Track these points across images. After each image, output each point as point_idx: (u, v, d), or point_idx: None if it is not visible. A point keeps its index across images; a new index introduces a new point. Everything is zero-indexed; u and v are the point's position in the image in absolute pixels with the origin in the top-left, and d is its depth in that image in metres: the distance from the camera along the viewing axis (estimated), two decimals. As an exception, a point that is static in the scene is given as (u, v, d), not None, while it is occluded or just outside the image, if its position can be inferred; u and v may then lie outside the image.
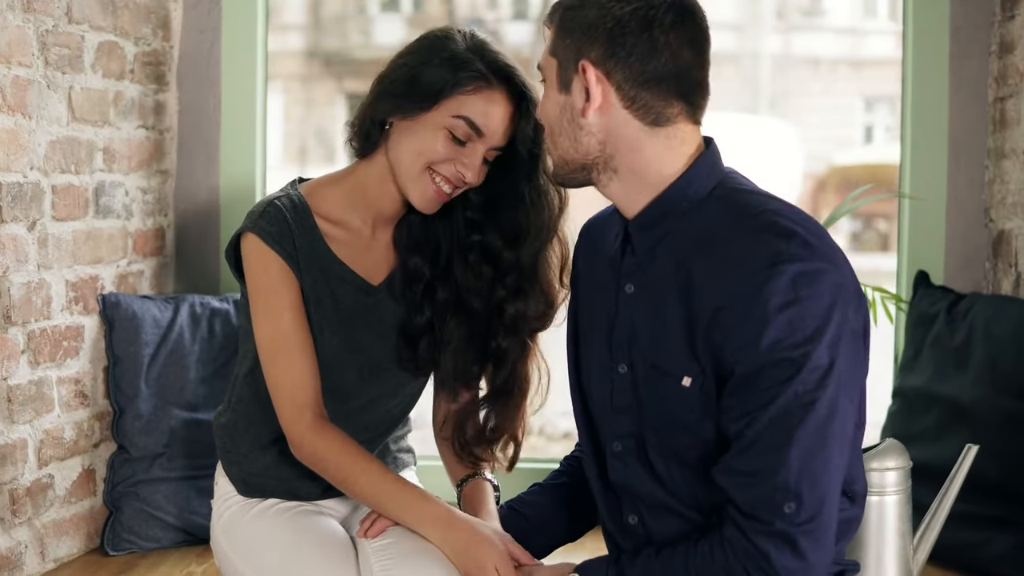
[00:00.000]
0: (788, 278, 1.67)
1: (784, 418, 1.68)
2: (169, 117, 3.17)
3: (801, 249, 1.69)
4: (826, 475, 1.71)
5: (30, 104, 2.59)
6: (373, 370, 2.25)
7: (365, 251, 2.25)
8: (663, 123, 1.78)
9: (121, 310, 2.87)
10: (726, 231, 1.75)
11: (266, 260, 2.15)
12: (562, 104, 1.81)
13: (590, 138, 1.79)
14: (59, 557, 2.74)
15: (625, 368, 1.85)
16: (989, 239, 3.06)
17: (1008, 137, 2.95)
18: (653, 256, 1.82)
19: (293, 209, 2.17)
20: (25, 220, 2.59)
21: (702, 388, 1.76)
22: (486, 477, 2.24)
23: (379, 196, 2.22)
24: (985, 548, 2.64)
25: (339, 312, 2.21)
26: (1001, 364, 2.71)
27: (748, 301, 1.68)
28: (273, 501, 2.27)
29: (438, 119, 2.12)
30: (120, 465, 2.87)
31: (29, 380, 2.62)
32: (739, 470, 1.71)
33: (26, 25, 2.57)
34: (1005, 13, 2.98)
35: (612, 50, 1.75)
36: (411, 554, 2.03)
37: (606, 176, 1.83)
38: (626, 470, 1.88)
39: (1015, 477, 2.63)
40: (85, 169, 2.80)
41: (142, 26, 3.01)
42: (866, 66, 12.30)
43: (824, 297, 1.69)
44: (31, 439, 2.63)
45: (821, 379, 1.69)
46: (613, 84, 1.76)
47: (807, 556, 1.71)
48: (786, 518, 1.69)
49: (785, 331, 1.67)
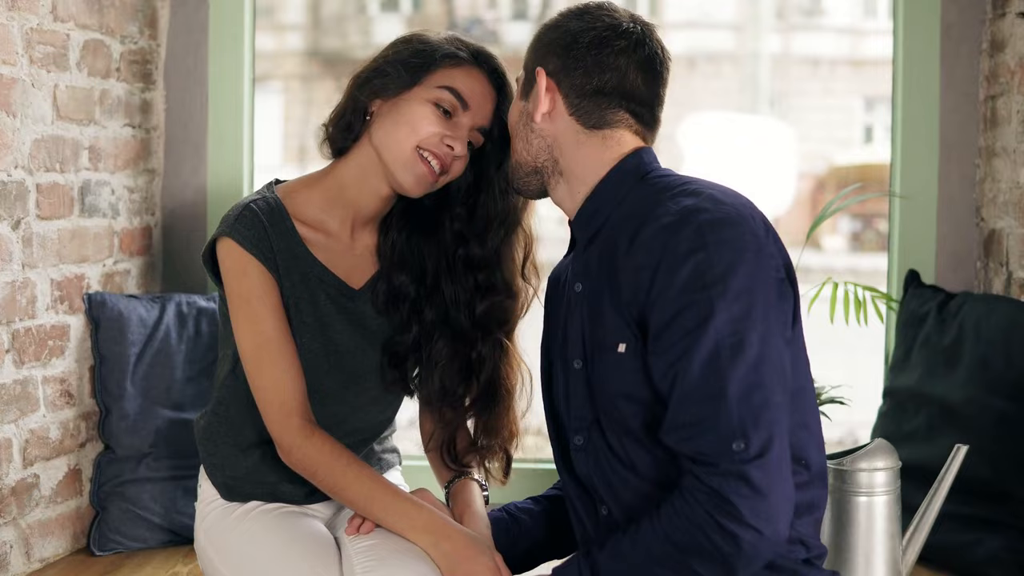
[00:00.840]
0: (694, 227, 1.77)
1: (713, 362, 1.73)
2: (156, 116, 3.15)
3: (709, 204, 1.80)
4: (768, 412, 1.73)
5: (14, 102, 2.58)
6: (354, 376, 2.23)
7: (344, 254, 2.23)
8: (602, 126, 1.94)
9: (107, 309, 2.86)
10: (643, 207, 1.86)
11: (244, 264, 2.13)
12: (521, 109, 1.99)
13: (540, 141, 1.96)
14: (45, 557, 2.72)
15: (580, 363, 1.92)
16: (980, 238, 3.05)
17: (999, 136, 2.94)
18: (589, 248, 1.94)
19: (269, 212, 2.15)
20: (9, 219, 2.57)
21: (636, 353, 1.82)
22: (473, 477, 2.24)
23: (358, 193, 2.20)
24: (975, 549, 2.63)
25: (319, 316, 2.19)
26: (992, 364, 2.69)
27: (660, 252, 1.78)
28: (255, 504, 2.25)
29: (423, 93, 2.13)
30: (106, 465, 2.86)
31: (14, 380, 2.60)
32: (682, 423, 1.75)
33: (10, 23, 2.56)
34: (996, 11, 2.97)
35: (564, 63, 1.94)
36: (392, 555, 2.02)
37: (554, 180, 1.99)
38: (589, 460, 1.93)
39: (1005, 478, 2.61)
40: (70, 168, 2.78)
41: (128, 24, 3.00)
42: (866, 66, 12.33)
43: (731, 242, 1.77)
44: (16, 439, 2.61)
45: (742, 319, 1.74)
46: (562, 93, 1.94)
47: (762, 489, 1.72)
48: (735, 456, 1.71)
49: (693, 274, 1.75)
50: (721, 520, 1.71)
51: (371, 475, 2.11)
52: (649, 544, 1.77)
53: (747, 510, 1.70)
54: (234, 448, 2.24)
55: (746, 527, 1.71)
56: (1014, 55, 2.86)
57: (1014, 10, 2.87)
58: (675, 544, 1.75)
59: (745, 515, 1.70)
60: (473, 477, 2.24)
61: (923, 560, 2.50)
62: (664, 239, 1.78)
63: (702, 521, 1.72)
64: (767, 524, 1.71)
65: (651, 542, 1.77)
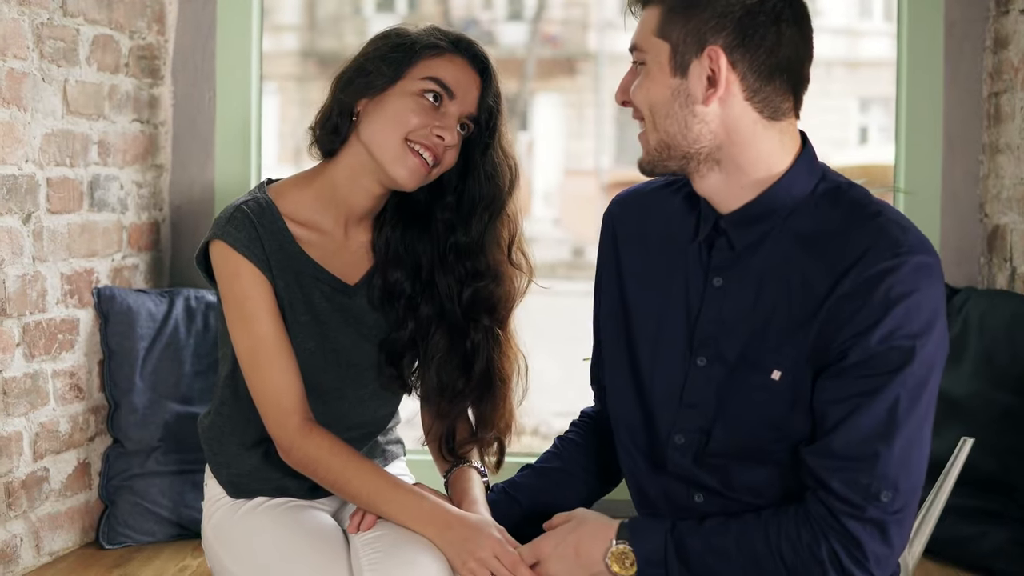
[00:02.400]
0: (911, 268, 1.69)
1: (893, 408, 1.69)
2: (163, 111, 3.16)
3: (917, 242, 1.71)
4: (920, 466, 1.73)
5: (25, 97, 2.59)
6: (352, 372, 2.24)
7: (339, 252, 2.23)
8: (778, 118, 1.77)
9: (116, 304, 2.87)
10: (839, 226, 1.75)
11: (237, 266, 2.13)
12: (675, 88, 1.75)
13: (703, 126, 1.75)
14: (54, 551, 2.73)
15: (704, 361, 1.83)
16: (984, 234, 3.07)
17: (1003, 132, 2.96)
18: (754, 252, 1.80)
19: (260, 213, 2.16)
20: (20, 213, 2.58)
21: (791, 383, 1.75)
22: (472, 464, 2.24)
23: (350, 193, 2.20)
24: (980, 541, 2.64)
25: (315, 314, 2.19)
26: (996, 358, 2.71)
27: (869, 288, 1.69)
28: (261, 499, 2.26)
29: (408, 86, 2.13)
30: (115, 459, 2.86)
31: (24, 373, 2.61)
32: (838, 454, 1.71)
33: (21, 18, 2.57)
34: (999, 9, 2.99)
35: (741, 39, 1.72)
36: (396, 546, 2.02)
37: (706, 167, 1.79)
38: (686, 461, 1.86)
39: (1010, 471, 2.63)
40: (80, 162, 2.80)
41: (137, 20, 3.01)
42: (862, 67, 12.30)
43: (937, 289, 1.71)
44: (26, 432, 2.62)
45: (929, 372, 1.71)
46: (738, 74, 1.73)
47: (894, 543, 1.73)
48: (881, 506, 1.70)
49: (902, 320, 1.68)
50: (845, 562, 1.72)
51: (372, 469, 2.12)
52: (756, 552, 1.76)
53: (873, 558, 1.72)
54: (238, 446, 2.25)
55: (866, 573, 1.73)
56: (1018, 52, 2.88)
57: (1017, 7, 2.89)
58: (785, 564, 1.75)
59: (870, 563, 1.72)
60: (471, 464, 2.24)
61: (928, 552, 2.52)
62: (878, 274, 1.69)
63: (825, 556, 1.72)
64: (883, 572, 1.74)
65: (759, 553, 1.76)
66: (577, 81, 14.62)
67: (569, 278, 13.42)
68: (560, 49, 14.34)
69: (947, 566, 2.68)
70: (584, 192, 14.09)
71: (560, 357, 10.17)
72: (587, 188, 14.19)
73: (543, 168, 14.65)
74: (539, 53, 14.20)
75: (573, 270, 13.54)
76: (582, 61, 14.50)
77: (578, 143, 14.61)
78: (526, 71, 14.26)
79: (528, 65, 14.26)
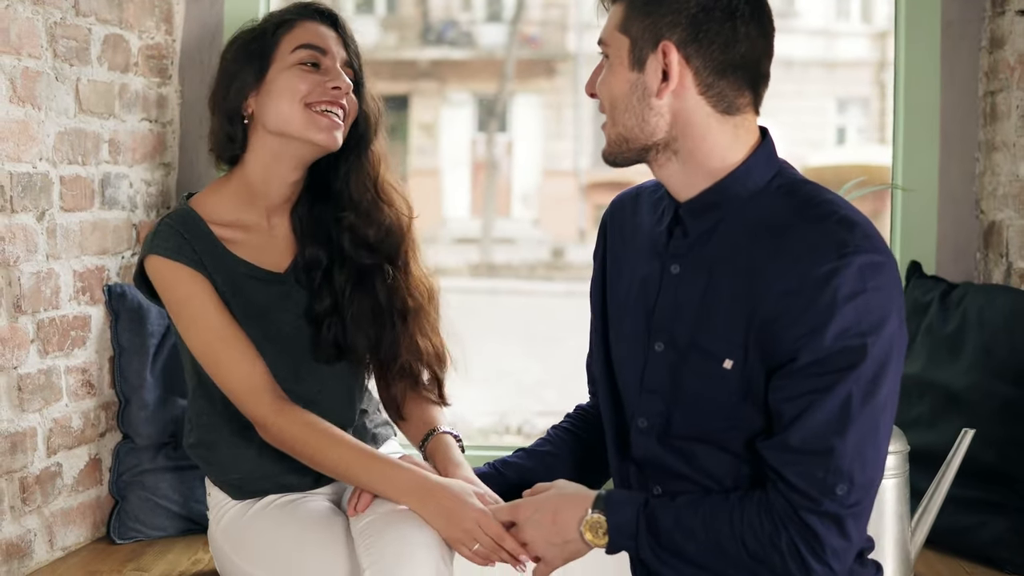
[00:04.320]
0: (856, 268, 1.72)
1: (846, 404, 1.73)
2: (171, 110, 3.19)
3: (863, 240, 1.74)
4: (876, 461, 1.77)
5: (39, 95, 2.61)
6: (301, 357, 2.29)
7: (266, 245, 2.31)
8: (733, 112, 1.82)
9: (127, 301, 2.89)
10: (788, 221, 1.79)
11: (174, 273, 2.22)
12: (632, 82, 1.82)
13: (659, 119, 1.82)
14: (67, 546, 2.75)
15: (662, 346, 1.88)
16: (980, 230, 3.12)
17: (999, 130, 3.01)
18: (707, 240, 1.85)
19: (184, 222, 2.25)
20: (35, 210, 2.60)
21: (742, 372, 1.80)
22: (445, 430, 2.28)
23: (267, 185, 2.30)
24: (980, 531, 2.69)
25: (254, 307, 2.25)
26: (995, 351, 2.76)
27: (816, 289, 1.72)
28: (271, 498, 2.29)
29: (282, 63, 2.26)
30: (125, 454, 2.88)
31: (39, 369, 2.63)
32: (793, 448, 1.76)
33: (35, 17, 2.59)
34: (996, 9, 3.04)
35: (695, 35, 1.77)
36: (389, 527, 2.04)
37: (664, 157, 1.85)
38: (649, 445, 1.92)
39: (1009, 461, 2.68)
40: (91, 161, 2.82)
41: (146, 19, 3.03)
42: (839, 68, 12.33)
43: (886, 288, 1.74)
44: (40, 428, 2.64)
45: (882, 369, 1.74)
46: (692, 69, 1.79)
47: (851, 537, 1.77)
48: (837, 499, 1.74)
49: (852, 320, 1.71)
50: (804, 553, 1.76)
51: (349, 442, 2.15)
52: (720, 535, 1.80)
53: (831, 551, 1.76)
54: (230, 449, 2.29)
55: (824, 565, 1.77)
56: (1013, 51, 2.94)
57: (1013, 8, 2.94)
58: (747, 550, 1.79)
59: (827, 555, 1.77)
60: (444, 431, 2.28)
61: (929, 543, 2.56)
62: (823, 275, 1.72)
63: (784, 547, 1.77)
64: (841, 564, 1.79)
65: (723, 536, 1.80)
66: (556, 82, 14.66)
67: (548, 279, 13.43)
68: (539, 50, 14.37)
69: (948, 556, 2.72)
70: (563, 193, 14.12)
71: (540, 357, 10.20)
72: (566, 189, 14.22)
73: (522, 169, 14.67)
74: (518, 54, 14.23)
75: (552, 271, 13.55)
76: (561, 62, 14.54)
77: (557, 144, 14.65)
78: (505, 72, 14.29)
79: (507, 66, 14.29)
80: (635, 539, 1.85)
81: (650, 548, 1.85)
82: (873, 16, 13.45)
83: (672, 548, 1.84)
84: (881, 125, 11.96)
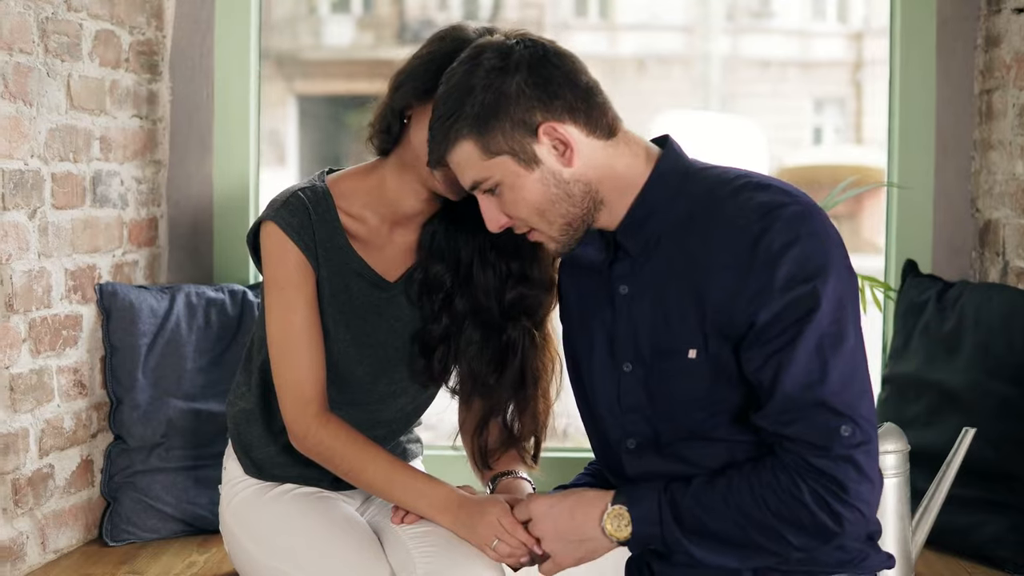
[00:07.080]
0: (783, 221, 1.77)
1: (819, 351, 1.76)
2: (162, 107, 3.15)
3: (782, 195, 1.80)
4: (867, 399, 1.79)
5: (31, 91, 2.57)
6: (384, 367, 2.25)
7: (382, 248, 2.23)
8: (613, 132, 1.86)
9: (118, 300, 2.85)
10: (708, 205, 1.84)
11: (285, 251, 2.14)
12: (541, 178, 1.84)
13: (581, 184, 1.85)
14: (59, 548, 2.71)
15: (630, 366, 1.91)
16: (976, 229, 3.12)
17: (994, 129, 3.01)
18: (648, 255, 1.89)
19: (316, 201, 2.17)
20: (26, 208, 2.57)
21: (707, 357, 1.83)
22: (520, 476, 2.24)
23: (398, 193, 2.19)
24: (979, 530, 2.69)
25: (353, 306, 2.20)
26: (993, 349, 2.75)
27: (750, 254, 1.77)
28: (290, 486, 2.27)
29: None
30: (117, 455, 2.85)
31: (30, 369, 2.60)
32: (783, 408, 1.77)
33: (27, 12, 2.55)
34: (991, 7, 3.04)
35: (545, 96, 1.81)
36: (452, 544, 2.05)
37: (597, 211, 1.88)
38: (643, 462, 1.94)
39: (1008, 460, 2.68)
40: (83, 158, 2.78)
41: (137, 15, 3.00)
42: (815, 68, 12.41)
43: (819, 233, 1.78)
44: (32, 428, 2.60)
45: (841, 310, 1.77)
46: (570, 121, 1.82)
47: (869, 475, 1.78)
48: (844, 441, 1.76)
49: (795, 269, 1.75)
50: (830, 501, 1.76)
51: (387, 458, 2.13)
52: (742, 504, 1.80)
53: (854, 492, 1.76)
54: (266, 431, 2.26)
55: (852, 508, 1.77)
56: (1009, 50, 2.93)
57: (1009, 6, 2.94)
58: (772, 511, 1.79)
59: (852, 497, 1.76)
60: (520, 476, 2.24)
61: (929, 542, 2.56)
62: (751, 238, 1.77)
63: (808, 499, 1.77)
64: (868, 506, 1.78)
65: (745, 504, 1.80)
66: (532, 82, 14.63)
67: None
68: (516, 50, 14.35)
69: (948, 555, 2.72)
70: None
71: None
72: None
73: (499, 169, 14.64)
74: (495, 54, 14.20)
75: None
76: (538, 62, 14.52)
77: (534, 143, 14.62)
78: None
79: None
80: (660, 525, 1.85)
81: (676, 531, 1.84)
82: (849, 16, 13.34)
83: (697, 528, 1.83)
84: (858, 125, 11.77)
